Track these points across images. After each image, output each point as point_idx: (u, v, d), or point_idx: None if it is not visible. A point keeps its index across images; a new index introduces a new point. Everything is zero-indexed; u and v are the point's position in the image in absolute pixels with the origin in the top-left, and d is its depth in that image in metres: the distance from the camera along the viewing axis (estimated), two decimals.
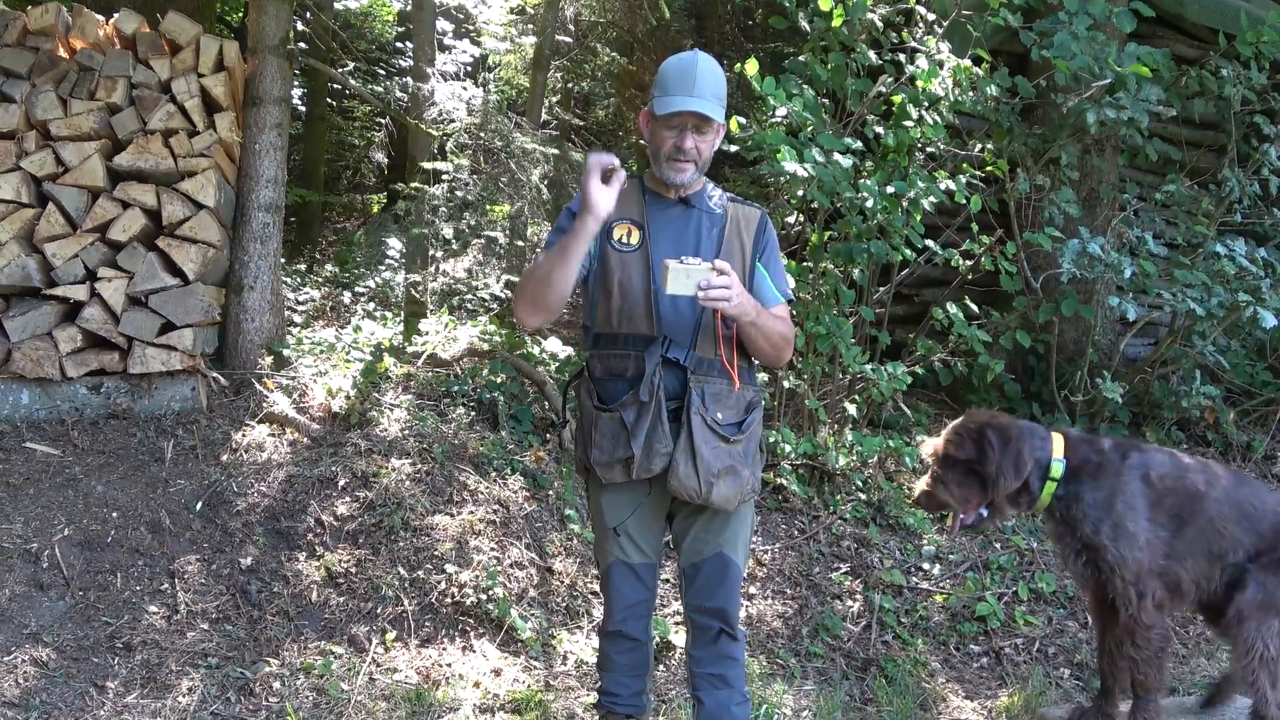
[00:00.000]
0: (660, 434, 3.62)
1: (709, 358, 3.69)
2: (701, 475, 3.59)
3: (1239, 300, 6.34)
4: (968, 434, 4.03)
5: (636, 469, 3.63)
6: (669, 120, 3.66)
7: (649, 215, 3.75)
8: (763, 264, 3.81)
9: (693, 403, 3.62)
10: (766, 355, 3.76)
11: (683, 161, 3.69)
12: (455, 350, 7.31)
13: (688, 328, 3.68)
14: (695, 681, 3.88)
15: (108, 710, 4.50)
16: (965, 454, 4.01)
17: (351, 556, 5.44)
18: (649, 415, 3.62)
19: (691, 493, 3.61)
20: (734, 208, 3.84)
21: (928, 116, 6.43)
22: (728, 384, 3.69)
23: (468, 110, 8.09)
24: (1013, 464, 3.98)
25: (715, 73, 3.72)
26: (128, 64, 6.38)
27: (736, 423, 3.70)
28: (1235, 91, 6.99)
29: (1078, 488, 4.05)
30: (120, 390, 6.29)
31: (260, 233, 6.88)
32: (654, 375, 3.63)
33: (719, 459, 3.62)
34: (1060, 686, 5.36)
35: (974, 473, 4.02)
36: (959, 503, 4.06)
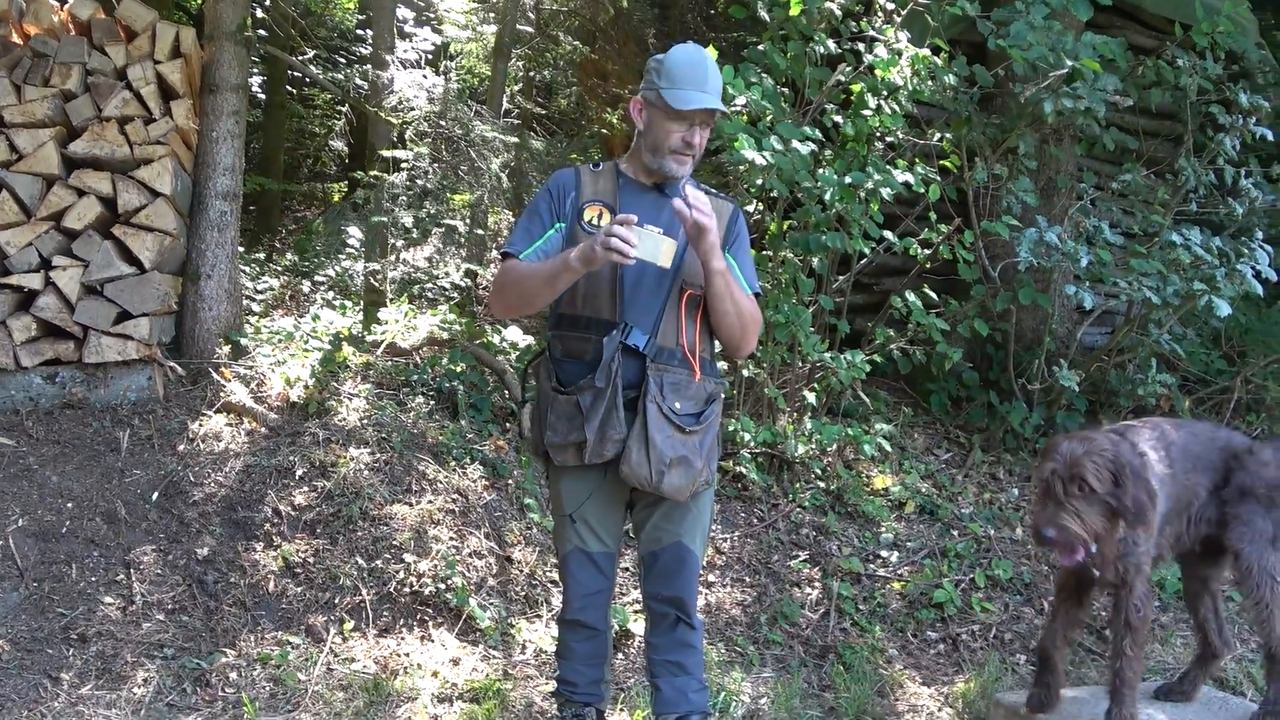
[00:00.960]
0: (614, 420, 3.62)
1: (670, 347, 3.69)
2: (653, 463, 3.59)
3: (1194, 289, 6.38)
4: (1105, 462, 3.84)
5: (589, 453, 3.64)
6: (682, 115, 3.67)
7: (621, 199, 3.75)
8: (731, 255, 3.82)
9: (649, 390, 3.62)
10: (733, 329, 3.75)
11: (686, 155, 3.72)
12: (415, 339, 7.29)
13: (651, 314, 3.69)
14: (653, 669, 3.89)
15: (62, 702, 4.47)
16: (1103, 486, 3.82)
17: (309, 546, 5.42)
18: (604, 401, 3.62)
19: (642, 480, 3.61)
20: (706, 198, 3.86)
21: (886, 105, 6.45)
22: (688, 374, 3.70)
23: (428, 98, 8.06)
24: (1148, 496, 3.90)
25: (714, 66, 3.77)
26: (83, 50, 6.32)
27: (695, 413, 3.71)
28: (1191, 81, 7.03)
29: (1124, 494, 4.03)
30: (75, 380, 6.24)
31: (218, 221, 6.83)
32: (612, 361, 3.63)
33: (672, 448, 3.62)
34: (1016, 672, 5.40)
35: (1104, 504, 3.84)
36: (1089, 536, 3.81)
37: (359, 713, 4.61)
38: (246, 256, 9.85)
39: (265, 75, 13.11)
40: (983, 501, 6.66)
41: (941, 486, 6.79)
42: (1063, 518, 3.80)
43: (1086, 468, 3.82)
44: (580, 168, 3.86)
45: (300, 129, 15.19)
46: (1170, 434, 4.29)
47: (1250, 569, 4.31)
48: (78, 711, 4.44)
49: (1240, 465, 4.34)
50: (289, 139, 14.36)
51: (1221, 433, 4.48)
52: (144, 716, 4.47)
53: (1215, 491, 4.32)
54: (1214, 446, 4.35)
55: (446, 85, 8.42)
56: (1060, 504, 3.82)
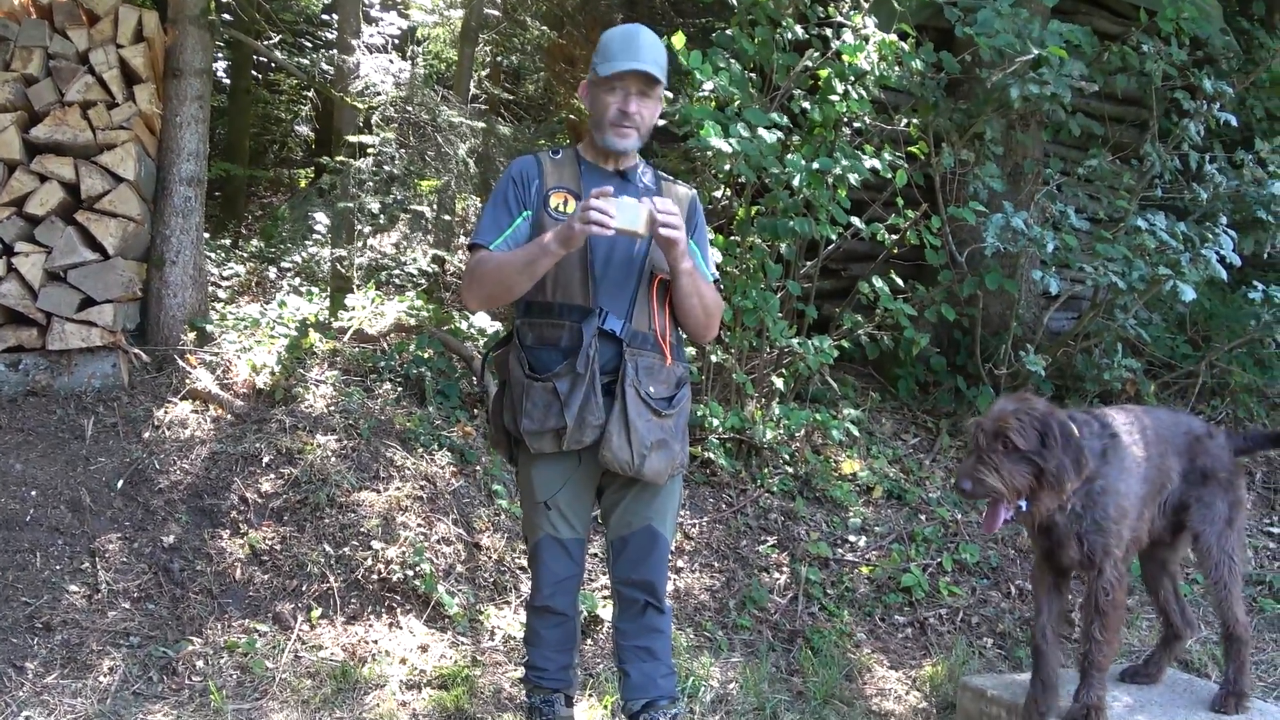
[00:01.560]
0: (593, 406, 3.62)
1: (644, 331, 3.72)
2: (635, 448, 3.61)
3: (1159, 274, 6.42)
4: (1030, 421, 3.87)
5: (568, 440, 3.64)
6: (611, 83, 3.68)
7: (584, 185, 3.75)
8: (695, 242, 3.84)
9: (628, 375, 3.64)
10: (698, 322, 3.79)
11: (626, 127, 3.71)
12: (382, 325, 7.27)
13: (624, 299, 3.71)
14: (622, 654, 3.90)
15: (27, 691, 4.45)
16: (1028, 443, 3.84)
17: (276, 534, 5.41)
18: (583, 386, 3.62)
19: (624, 465, 3.63)
20: (666, 185, 3.90)
21: (853, 91, 6.46)
22: (660, 358, 3.72)
23: (394, 83, 8.03)
24: (1074, 461, 3.90)
25: (658, 43, 3.78)
26: (44, 34, 6.27)
27: (667, 397, 3.74)
28: (1156, 67, 7.07)
29: (1092, 475, 4.03)
30: (39, 367, 6.19)
31: (182, 207, 6.79)
32: (590, 347, 3.63)
33: (652, 432, 3.65)
34: (983, 655, 5.44)
35: (1030, 462, 3.85)
36: (1009, 492, 3.83)
37: (327, 700, 4.61)
38: (212, 243, 9.80)
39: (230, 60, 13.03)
40: (950, 486, 6.69)
41: (909, 471, 6.82)
42: (980, 471, 3.82)
43: (1011, 425, 3.85)
44: (540, 155, 3.87)
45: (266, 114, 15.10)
46: (1144, 418, 4.33)
47: (1210, 550, 4.37)
48: (43, 701, 4.42)
49: (1202, 449, 4.39)
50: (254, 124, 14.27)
51: (1183, 418, 4.54)
52: (110, 705, 4.45)
53: (1183, 476, 4.37)
54: (1179, 431, 4.40)
55: (413, 70, 8.40)
56: (981, 458, 3.85)
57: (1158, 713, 4.31)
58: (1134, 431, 4.24)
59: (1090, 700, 4.13)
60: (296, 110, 15.02)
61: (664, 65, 3.75)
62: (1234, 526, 4.40)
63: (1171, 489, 4.34)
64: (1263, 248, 6.67)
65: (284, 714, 4.49)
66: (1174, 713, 4.31)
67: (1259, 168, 6.79)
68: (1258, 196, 6.61)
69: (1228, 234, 6.42)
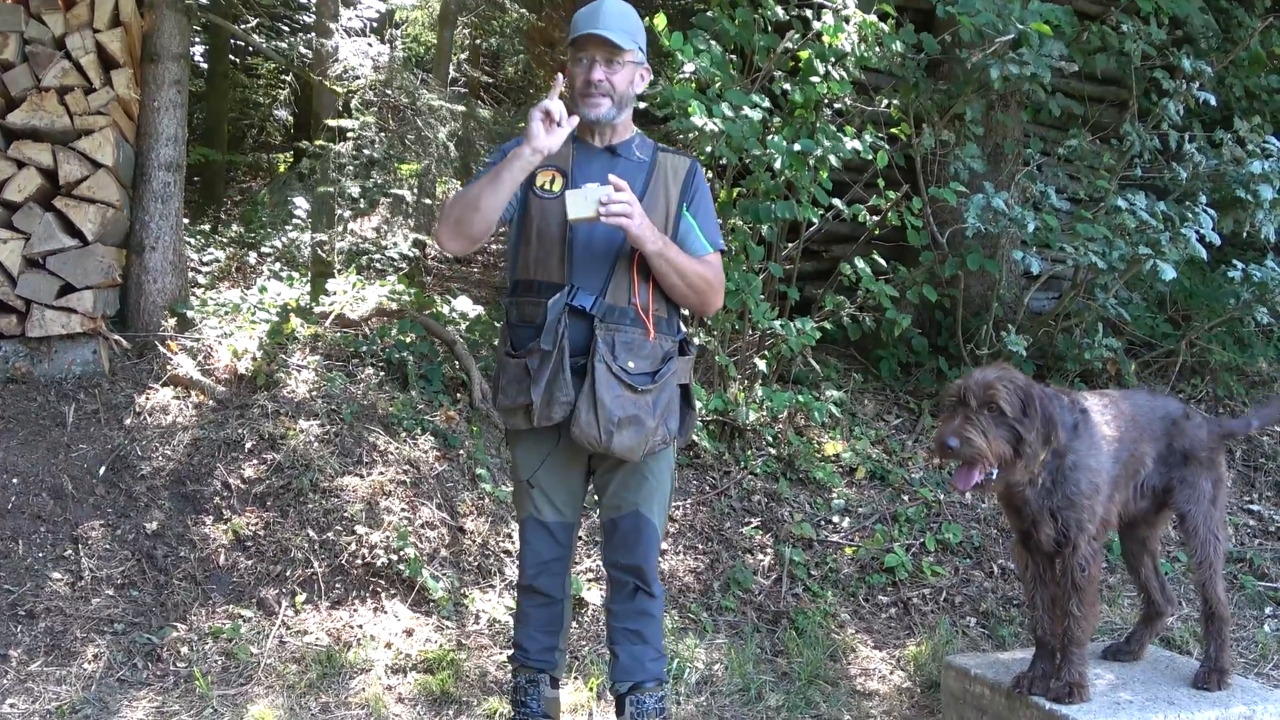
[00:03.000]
0: (561, 382, 3.63)
1: (621, 306, 3.70)
2: (601, 423, 3.60)
3: (1139, 254, 6.44)
4: (1016, 389, 3.88)
5: (536, 416, 3.66)
6: (576, 53, 3.72)
7: (574, 163, 3.78)
8: (690, 213, 3.84)
9: (598, 350, 3.63)
10: (687, 298, 3.79)
11: (595, 95, 3.72)
12: (363, 310, 7.26)
13: (599, 275, 3.70)
14: (612, 635, 3.94)
15: (11, 679, 4.45)
16: (1013, 409, 3.84)
17: (259, 519, 5.40)
18: (550, 363, 3.63)
19: (591, 441, 3.63)
20: (663, 157, 3.88)
21: (834, 72, 6.46)
22: (642, 333, 3.71)
23: (373, 67, 7.99)
24: (1045, 436, 3.93)
25: (624, 10, 3.81)
26: (19, 19, 6.23)
27: (649, 372, 3.72)
28: (1136, 47, 7.07)
29: (1063, 451, 4.05)
30: (18, 354, 6.17)
31: (161, 192, 6.76)
32: (557, 323, 3.64)
33: (622, 407, 3.63)
34: (967, 635, 5.47)
35: (1011, 430, 3.85)
36: (992, 455, 3.83)
37: (312, 685, 4.62)
38: (191, 228, 9.76)
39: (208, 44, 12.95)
40: (932, 466, 6.71)
41: (892, 452, 6.84)
42: (969, 430, 3.82)
43: (1000, 391, 3.86)
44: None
45: (244, 99, 15.03)
46: (1120, 403, 4.36)
47: (1196, 529, 4.39)
48: (27, 688, 4.42)
49: (1180, 431, 4.42)
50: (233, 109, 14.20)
51: (1159, 401, 4.55)
52: (95, 692, 4.45)
53: (1160, 459, 4.39)
54: (1155, 416, 4.42)
55: (392, 53, 8.36)
56: (969, 419, 3.85)
57: (1140, 690, 4.33)
58: (1106, 412, 4.26)
59: (1072, 677, 4.15)
60: (275, 94, 14.97)
61: (631, 31, 3.76)
62: (1217, 505, 4.44)
63: (1146, 473, 4.36)
64: (1242, 227, 6.69)
65: (269, 699, 4.49)
66: (1156, 690, 4.34)
67: (1238, 147, 6.81)
68: (1237, 175, 6.63)
69: (1207, 213, 6.44)
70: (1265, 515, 6.53)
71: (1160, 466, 4.40)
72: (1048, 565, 4.24)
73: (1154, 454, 4.38)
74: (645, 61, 3.84)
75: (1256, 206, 6.55)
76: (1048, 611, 4.27)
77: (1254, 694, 4.33)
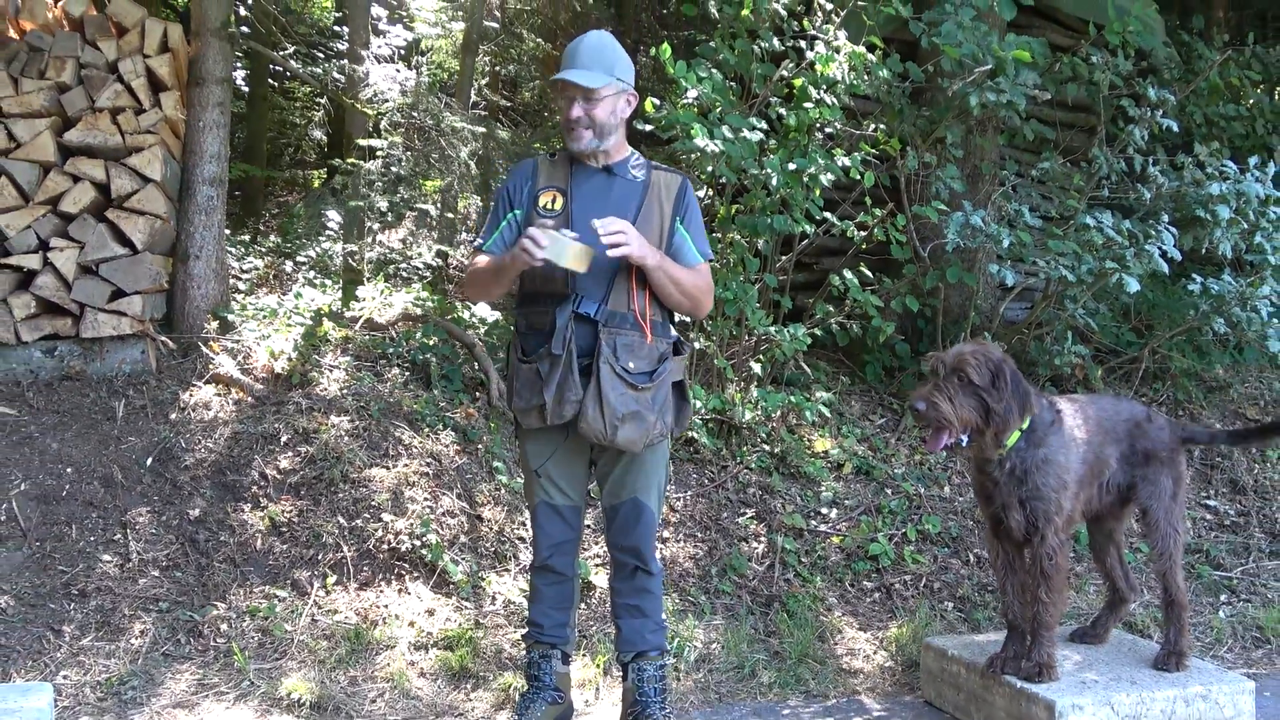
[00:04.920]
0: (571, 383, 3.69)
1: (622, 311, 3.75)
2: (607, 419, 3.66)
3: (1106, 268, 6.43)
4: (985, 360, 3.92)
5: (549, 415, 3.71)
6: (559, 96, 3.82)
7: (573, 183, 3.83)
8: (684, 226, 3.89)
9: (602, 353, 3.69)
10: (682, 305, 3.86)
11: (577, 130, 3.79)
12: (390, 315, 7.25)
13: (602, 284, 3.74)
14: (616, 610, 4.02)
15: (64, 653, 4.46)
16: (981, 379, 3.88)
17: (294, 507, 5.41)
18: (560, 367, 3.69)
19: (598, 435, 3.69)
20: (656, 175, 3.93)
21: (826, 98, 6.46)
22: (640, 336, 3.76)
23: (401, 91, 8.00)
24: (1019, 405, 3.96)
25: (599, 45, 3.86)
26: (76, 45, 6.25)
27: (648, 372, 3.77)
28: (1104, 77, 7.07)
29: (1038, 442, 4.09)
30: (73, 353, 6.18)
31: (205, 205, 6.77)
32: (565, 330, 3.70)
33: (625, 404, 3.68)
34: (944, 618, 5.46)
35: (979, 399, 3.90)
36: (958, 422, 3.87)
37: (341, 660, 4.62)
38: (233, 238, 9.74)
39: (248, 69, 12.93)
40: (914, 463, 6.71)
41: (876, 449, 6.84)
42: (936, 396, 3.87)
43: (969, 362, 3.90)
44: (541, 157, 3.97)
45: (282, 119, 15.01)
46: (1087, 408, 4.36)
47: (1157, 523, 4.40)
48: (79, 661, 4.43)
49: (1142, 433, 4.43)
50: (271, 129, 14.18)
51: (1124, 405, 4.56)
52: (141, 665, 4.46)
53: (1124, 459, 4.40)
54: (1119, 419, 4.43)
55: (418, 79, 8.37)
56: (938, 386, 3.90)
57: (1105, 670, 4.33)
58: (1077, 416, 4.27)
59: (1041, 658, 4.16)
60: (310, 116, 14.97)
61: (607, 65, 3.79)
62: (1177, 500, 4.45)
63: (1110, 473, 4.37)
64: (1201, 243, 6.68)
65: (302, 673, 4.50)
66: (1120, 670, 4.34)
67: (1198, 170, 6.80)
68: (1196, 196, 6.62)
69: (1169, 231, 6.44)
70: (1221, 510, 6.53)
71: (1124, 465, 4.40)
72: (1018, 554, 4.24)
73: (1118, 454, 4.38)
74: (629, 88, 3.86)
75: (1214, 225, 6.55)
76: (1018, 597, 4.27)
77: (1210, 675, 4.33)
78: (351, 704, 4.36)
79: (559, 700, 4.08)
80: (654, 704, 3.95)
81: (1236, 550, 6.19)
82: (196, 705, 4.28)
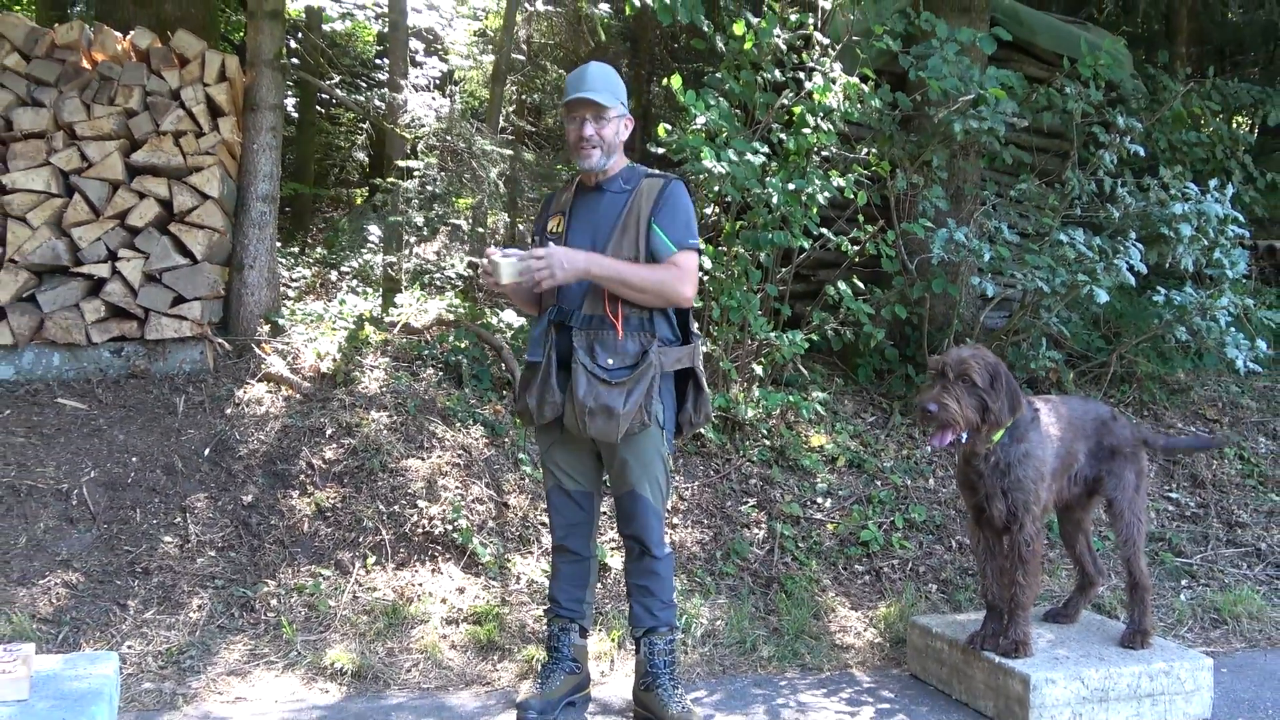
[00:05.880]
0: (549, 387, 3.77)
1: (598, 314, 3.76)
2: (578, 413, 3.71)
3: (1078, 280, 6.41)
4: (986, 364, 3.93)
5: (535, 415, 3.82)
6: (569, 114, 3.80)
7: (574, 204, 3.87)
8: (655, 222, 3.78)
9: (577, 354, 3.73)
10: (643, 299, 3.76)
11: (587, 148, 3.79)
12: (425, 320, 7.26)
13: (578, 293, 3.79)
14: (628, 591, 4.05)
15: (129, 625, 4.47)
16: (983, 381, 3.89)
17: (337, 494, 5.41)
18: (540, 372, 3.79)
19: (572, 427, 3.77)
20: (646, 182, 3.87)
21: (823, 125, 6.45)
22: (613, 334, 3.74)
23: (436, 117, 8.01)
24: (1011, 404, 3.97)
25: (604, 72, 3.89)
26: (142, 74, 6.28)
27: (627, 366, 3.73)
28: (1077, 106, 7.06)
29: (1020, 438, 4.08)
30: (138, 353, 6.21)
31: (258, 219, 6.79)
32: (543, 337, 3.81)
33: (594, 399, 3.68)
34: (929, 599, 5.45)
35: (980, 399, 3.90)
36: (963, 421, 3.88)
37: (380, 633, 4.63)
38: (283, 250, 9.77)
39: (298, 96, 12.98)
40: (901, 457, 6.69)
41: (867, 444, 6.82)
42: (945, 398, 3.86)
43: (972, 366, 3.90)
44: (560, 188, 4.00)
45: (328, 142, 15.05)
46: (1060, 408, 4.36)
47: (1122, 513, 4.39)
48: (142, 633, 4.44)
49: (1108, 431, 4.42)
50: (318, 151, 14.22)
51: (1091, 405, 4.55)
52: (198, 637, 4.47)
53: (1091, 454, 4.39)
54: (1088, 418, 4.42)
55: (452, 106, 8.38)
56: (946, 389, 3.88)
57: (1075, 647, 4.31)
58: (1052, 415, 4.27)
59: (1017, 636, 4.15)
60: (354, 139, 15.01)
61: (612, 89, 3.80)
62: (1140, 492, 4.43)
63: (1079, 466, 4.37)
64: (1164, 258, 6.66)
65: (344, 644, 4.50)
66: (1089, 647, 4.32)
67: (1162, 191, 6.78)
68: (1161, 215, 6.60)
69: (1135, 247, 6.42)
70: (1182, 502, 6.49)
71: (1092, 460, 4.39)
72: (998, 540, 4.23)
73: (1086, 450, 4.38)
74: (627, 113, 3.88)
75: (1177, 241, 6.52)
76: (997, 580, 4.26)
77: (1172, 652, 4.31)
78: (389, 673, 4.37)
79: (576, 670, 4.09)
80: (663, 675, 3.95)
81: (1196, 539, 6.17)
82: (248, 673, 4.29)
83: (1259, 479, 6.77)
